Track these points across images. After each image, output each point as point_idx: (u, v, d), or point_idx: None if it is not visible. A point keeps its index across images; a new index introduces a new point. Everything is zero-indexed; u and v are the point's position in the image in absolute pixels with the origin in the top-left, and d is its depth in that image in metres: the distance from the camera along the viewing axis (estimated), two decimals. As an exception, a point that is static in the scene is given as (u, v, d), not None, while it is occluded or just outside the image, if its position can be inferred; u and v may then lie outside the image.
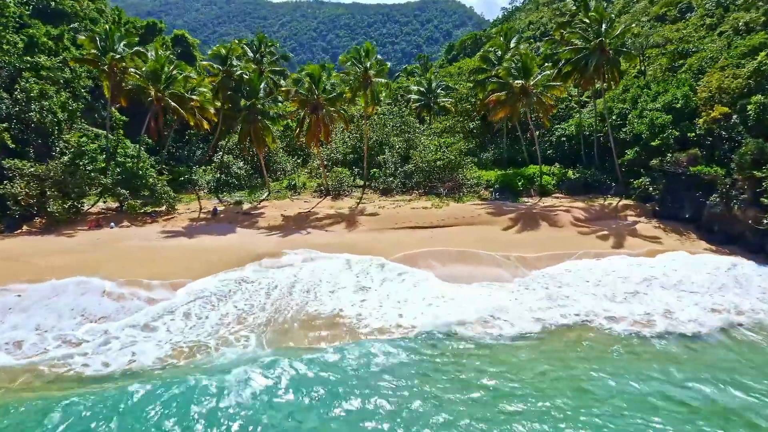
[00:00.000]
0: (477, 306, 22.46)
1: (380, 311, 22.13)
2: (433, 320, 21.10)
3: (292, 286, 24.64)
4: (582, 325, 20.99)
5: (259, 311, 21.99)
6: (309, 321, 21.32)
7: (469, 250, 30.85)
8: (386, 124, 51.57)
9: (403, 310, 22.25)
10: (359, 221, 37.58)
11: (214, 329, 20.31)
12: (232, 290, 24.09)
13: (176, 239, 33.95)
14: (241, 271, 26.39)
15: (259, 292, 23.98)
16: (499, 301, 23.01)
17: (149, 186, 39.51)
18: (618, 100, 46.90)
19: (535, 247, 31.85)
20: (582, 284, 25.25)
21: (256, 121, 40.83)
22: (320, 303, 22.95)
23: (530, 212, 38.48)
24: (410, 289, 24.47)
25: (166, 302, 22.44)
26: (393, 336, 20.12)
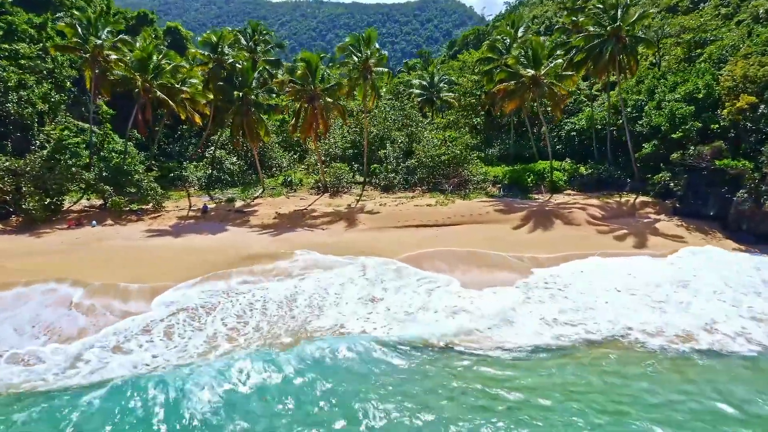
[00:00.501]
0: (487, 315, 19.91)
1: (386, 322, 19.52)
2: (439, 331, 18.56)
3: (290, 299, 21.41)
4: (611, 340, 18.24)
5: (253, 331, 18.74)
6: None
7: (479, 251, 28.33)
8: (387, 117, 49.04)
9: (407, 323, 19.64)
10: (359, 219, 35.06)
11: (199, 353, 17.14)
12: (221, 302, 21.02)
13: (162, 239, 31.46)
14: (228, 281, 23.17)
15: (254, 304, 20.83)
16: (512, 310, 20.43)
17: (135, 182, 36.99)
18: (632, 91, 44.43)
19: (549, 247, 29.35)
20: (605, 289, 22.61)
21: (249, 113, 38.30)
22: (323, 316, 20.16)
23: (542, 210, 35.97)
24: (417, 296, 21.96)
25: (144, 316, 19.48)
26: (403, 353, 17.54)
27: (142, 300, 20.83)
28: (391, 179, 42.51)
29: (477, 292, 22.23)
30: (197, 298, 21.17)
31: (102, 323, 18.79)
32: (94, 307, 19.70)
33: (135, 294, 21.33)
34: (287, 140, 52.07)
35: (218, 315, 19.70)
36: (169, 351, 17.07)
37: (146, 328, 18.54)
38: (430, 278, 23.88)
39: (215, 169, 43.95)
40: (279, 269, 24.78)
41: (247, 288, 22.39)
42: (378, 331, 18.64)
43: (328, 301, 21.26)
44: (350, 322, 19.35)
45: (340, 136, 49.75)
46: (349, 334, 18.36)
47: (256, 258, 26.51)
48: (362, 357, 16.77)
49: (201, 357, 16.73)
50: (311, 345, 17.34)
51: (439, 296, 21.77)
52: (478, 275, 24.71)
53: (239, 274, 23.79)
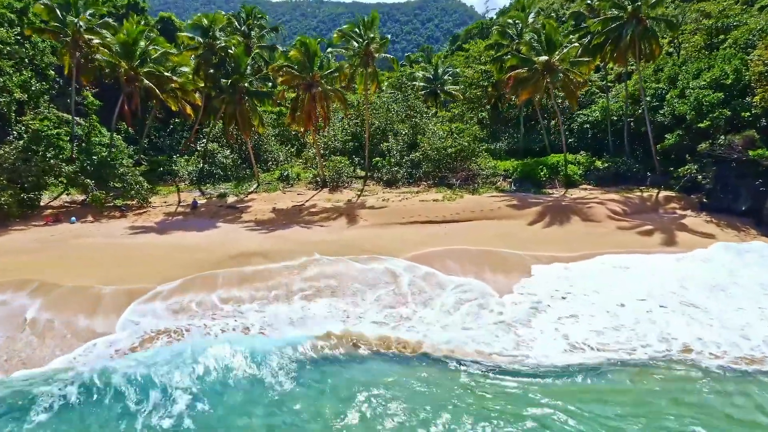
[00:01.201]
0: (516, 318, 17.28)
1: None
2: (454, 344, 15.92)
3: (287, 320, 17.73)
4: (663, 359, 15.38)
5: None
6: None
7: (492, 249, 25.64)
8: (390, 108, 46.35)
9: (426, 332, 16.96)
10: (360, 215, 32.40)
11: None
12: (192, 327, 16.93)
13: (145, 236, 28.85)
14: (211, 294, 19.34)
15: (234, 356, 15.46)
16: (531, 320, 17.74)
17: (119, 176, 34.35)
18: (651, 80, 41.77)
19: (568, 245, 26.67)
20: (637, 296, 19.69)
21: (242, 102, 35.65)
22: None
23: (558, 205, 33.29)
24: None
25: (107, 340, 16.02)
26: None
27: (112, 312, 17.91)
28: (395, 173, 39.85)
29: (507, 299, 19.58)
30: (169, 317, 17.48)
31: (53, 352, 15.33)
32: (51, 325, 16.61)
33: (106, 303, 18.52)
34: (284, 134, 49.45)
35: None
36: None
37: (109, 369, 14.24)
38: (465, 286, 20.78)
39: (207, 162, 41.29)
40: (273, 278, 21.44)
41: (232, 309, 18.19)
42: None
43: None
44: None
45: (340, 128, 47.08)
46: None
47: (246, 257, 23.86)
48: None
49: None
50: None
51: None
52: (492, 277, 22.04)
53: (227, 286, 20.06)
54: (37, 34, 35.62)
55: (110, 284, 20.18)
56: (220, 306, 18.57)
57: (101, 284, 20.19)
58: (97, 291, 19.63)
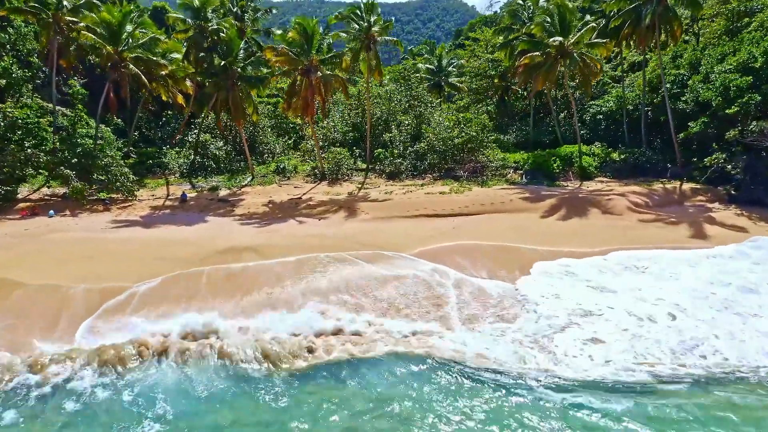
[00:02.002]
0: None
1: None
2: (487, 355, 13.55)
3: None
4: (737, 378, 12.85)
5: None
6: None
7: (507, 245, 23.23)
8: (392, 98, 43.98)
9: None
10: (361, 208, 30.07)
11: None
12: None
13: (128, 230, 26.54)
14: (176, 318, 15.21)
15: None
16: (561, 331, 15.30)
17: (103, 167, 32.05)
18: (670, 66, 39.36)
19: (589, 240, 24.27)
20: (673, 300, 17.18)
21: (235, 88, 33.31)
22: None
23: (575, 197, 30.93)
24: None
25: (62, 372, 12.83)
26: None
27: (77, 322, 15.39)
28: (398, 165, 37.47)
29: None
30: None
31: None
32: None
33: (71, 307, 16.12)
34: (281, 125, 47.15)
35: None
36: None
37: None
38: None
39: (199, 154, 38.94)
40: (262, 277, 19.09)
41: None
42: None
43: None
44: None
45: (340, 119, 44.72)
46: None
47: (236, 253, 21.49)
48: None
49: None
50: None
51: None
52: (510, 276, 19.66)
53: (209, 308, 15.88)
54: (16, 14, 33.29)
55: (82, 282, 17.87)
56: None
57: (72, 283, 17.89)
58: (64, 292, 17.32)
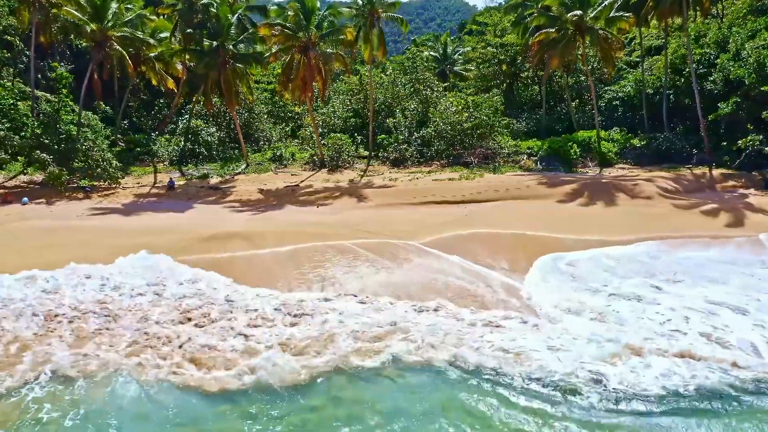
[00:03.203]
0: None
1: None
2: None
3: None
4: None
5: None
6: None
7: (527, 233, 20.65)
8: (396, 82, 41.42)
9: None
10: (364, 195, 27.52)
11: None
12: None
13: (105, 218, 24.04)
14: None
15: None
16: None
17: (83, 152, 29.55)
18: (693, 46, 36.76)
19: (616, 227, 21.65)
20: (740, 291, 14.35)
21: (226, 67, 30.77)
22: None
23: (597, 182, 28.37)
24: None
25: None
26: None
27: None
28: (403, 152, 34.91)
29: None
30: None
31: None
32: None
33: None
34: (279, 114, 44.62)
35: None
36: None
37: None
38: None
39: (189, 141, 36.39)
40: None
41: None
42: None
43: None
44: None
45: (341, 104, 42.15)
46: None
47: (222, 241, 18.93)
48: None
49: None
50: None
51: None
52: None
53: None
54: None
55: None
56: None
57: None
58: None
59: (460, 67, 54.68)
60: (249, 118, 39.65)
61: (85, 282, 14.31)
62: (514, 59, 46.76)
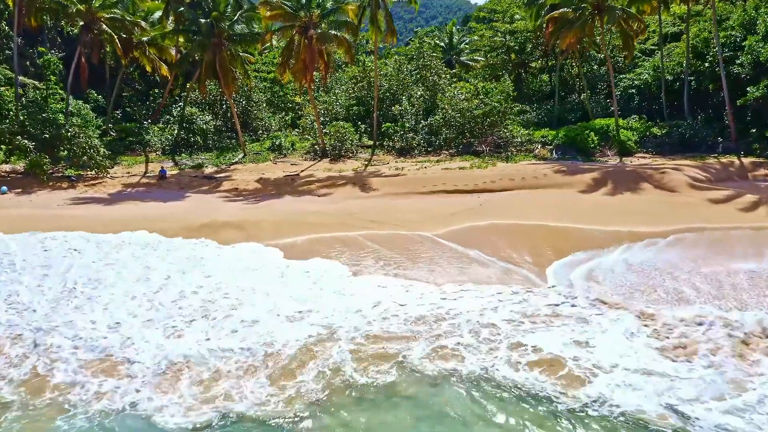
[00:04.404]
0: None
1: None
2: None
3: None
4: None
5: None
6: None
7: (550, 224, 18.67)
8: (402, 68, 39.43)
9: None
10: (370, 184, 25.59)
11: None
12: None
13: (87, 207, 22.17)
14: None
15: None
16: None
17: (68, 138, 27.64)
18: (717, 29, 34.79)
19: (648, 218, 19.65)
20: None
21: (221, 47, 28.82)
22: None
23: (620, 170, 26.39)
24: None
25: None
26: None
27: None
28: (409, 140, 32.93)
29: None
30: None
31: None
32: None
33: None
34: (279, 104, 42.64)
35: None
36: None
37: None
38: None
39: (184, 129, 34.43)
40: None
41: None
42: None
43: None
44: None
45: (343, 92, 40.16)
46: None
47: (213, 230, 17.10)
48: None
49: None
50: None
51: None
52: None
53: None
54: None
55: None
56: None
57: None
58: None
59: (466, 57, 52.62)
60: (247, 106, 37.70)
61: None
62: (523, 47, 44.80)
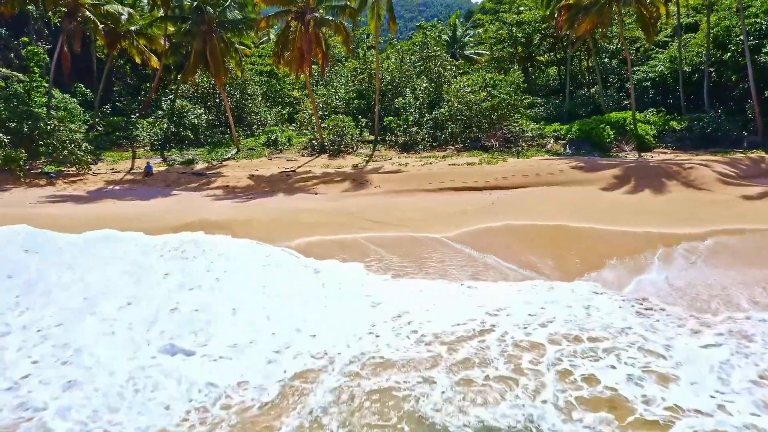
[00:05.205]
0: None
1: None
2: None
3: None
4: None
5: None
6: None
7: (570, 225, 16.78)
8: (405, 59, 37.45)
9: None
10: (371, 180, 23.65)
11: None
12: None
13: (62, 206, 20.23)
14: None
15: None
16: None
17: (47, 132, 25.70)
18: (737, 18, 32.81)
19: (680, 218, 17.73)
20: None
21: (212, 34, 26.85)
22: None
23: (644, 166, 24.44)
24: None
25: None
26: None
27: None
28: (413, 135, 30.95)
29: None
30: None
31: None
32: None
33: None
34: (275, 99, 40.69)
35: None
36: None
37: None
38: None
39: (174, 123, 32.47)
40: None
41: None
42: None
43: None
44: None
45: (343, 85, 38.16)
46: None
47: (195, 230, 15.18)
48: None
49: None
50: None
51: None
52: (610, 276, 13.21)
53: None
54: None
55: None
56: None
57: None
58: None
59: (470, 51, 50.76)
60: (241, 99, 35.74)
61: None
62: (531, 40, 42.85)
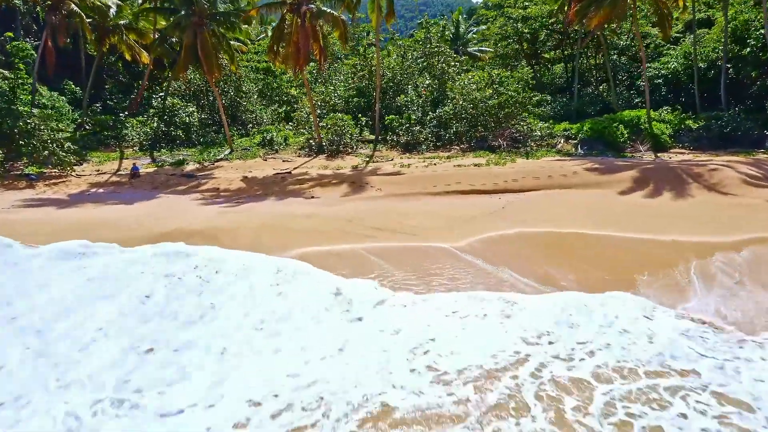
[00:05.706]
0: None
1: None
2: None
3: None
4: None
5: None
6: None
7: (590, 233, 15.28)
8: (407, 55, 35.93)
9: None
10: (371, 183, 22.10)
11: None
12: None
13: (38, 210, 18.74)
14: None
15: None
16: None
17: (26, 131, 24.20)
18: (755, 11, 31.31)
19: (708, 225, 16.17)
20: None
21: (203, 27, 25.32)
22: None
23: (663, 168, 22.86)
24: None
25: None
26: None
27: None
28: (416, 134, 29.42)
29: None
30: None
31: None
32: None
33: None
34: (272, 95, 39.19)
35: None
36: None
37: None
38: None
39: (164, 122, 30.94)
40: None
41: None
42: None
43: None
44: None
45: (342, 83, 36.63)
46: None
47: (176, 239, 13.68)
48: None
49: None
50: None
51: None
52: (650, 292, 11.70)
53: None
54: None
55: None
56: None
57: None
58: None
59: (474, 48, 49.23)
60: (235, 97, 34.21)
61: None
62: (537, 36, 41.35)
